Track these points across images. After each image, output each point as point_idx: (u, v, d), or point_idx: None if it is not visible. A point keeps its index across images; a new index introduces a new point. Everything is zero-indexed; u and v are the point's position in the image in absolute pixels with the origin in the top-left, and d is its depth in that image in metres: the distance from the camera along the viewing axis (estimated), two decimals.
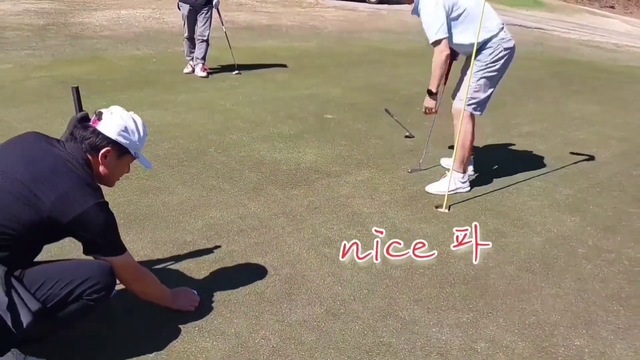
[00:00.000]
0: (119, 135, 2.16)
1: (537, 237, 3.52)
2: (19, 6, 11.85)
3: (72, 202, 1.97)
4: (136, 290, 2.35)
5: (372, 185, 4.15)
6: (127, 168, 2.33)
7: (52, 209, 1.93)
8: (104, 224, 2.06)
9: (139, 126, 2.24)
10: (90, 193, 2.03)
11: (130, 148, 2.22)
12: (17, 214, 1.91)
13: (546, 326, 2.65)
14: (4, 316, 1.87)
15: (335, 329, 2.52)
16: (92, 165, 2.16)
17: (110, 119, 2.17)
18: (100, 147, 2.15)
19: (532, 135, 5.68)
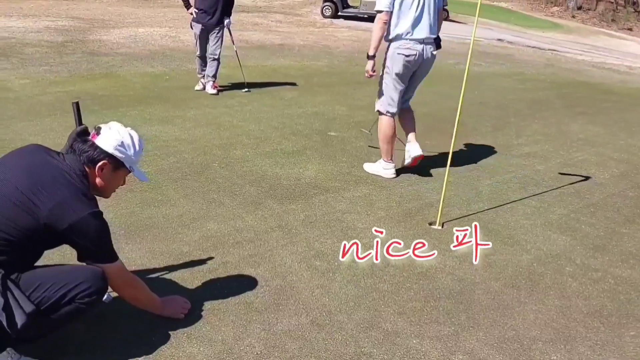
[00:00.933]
0: (115, 150, 2.29)
1: (526, 255, 3.60)
2: (39, 23, 12.24)
3: (68, 211, 2.10)
4: (127, 297, 2.47)
5: (369, 201, 4.26)
6: (122, 181, 2.47)
7: (48, 216, 2.07)
8: (97, 232, 2.19)
9: (135, 141, 2.37)
10: (85, 202, 2.16)
11: (126, 162, 2.35)
12: (16, 220, 2.05)
13: (525, 340, 2.72)
14: (0, 317, 2.01)
15: (318, 339, 2.62)
16: (89, 177, 2.29)
17: (108, 133, 2.31)
18: (97, 160, 2.28)
19: (532, 155, 5.76)
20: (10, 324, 2.01)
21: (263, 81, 8.34)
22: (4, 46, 9.42)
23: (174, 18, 15.26)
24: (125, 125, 2.42)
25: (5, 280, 2.03)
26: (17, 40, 10.03)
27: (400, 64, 4.51)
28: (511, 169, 5.26)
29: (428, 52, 4.54)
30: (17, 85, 6.89)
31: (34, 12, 14.57)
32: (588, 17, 33.72)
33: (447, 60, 12.33)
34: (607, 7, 34.78)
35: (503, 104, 8.23)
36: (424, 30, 4.46)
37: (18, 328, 2.01)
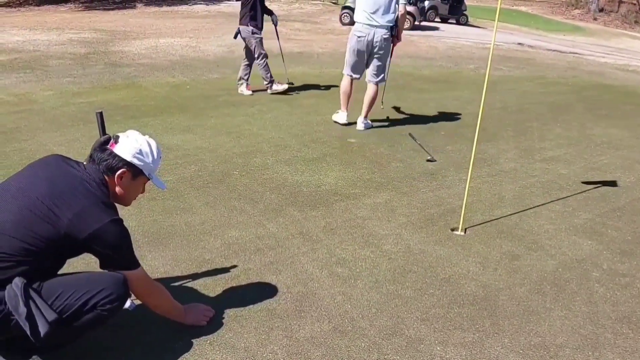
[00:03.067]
0: (133, 158, 2.32)
1: (551, 260, 3.54)
2: (63, 36, 12.48)
3: (88, 219, 2.12)
4: (149, 304, 2.49)
5: (390, 207, 4.24)
6: (142, 188, 2.48)
7: (69, 225, 2.09)
8: (118, 239, 2.21)
9: (153, 149, 2.39)
10: (105, 211, 2.18)
11: (145, 170, 2.37)
12: (38, 231, 2.07)
13: (551, 347, 2.67)
14: (24, 325, 2.03)
15: (341, 346, 2.60)
16: (109, 186, 2.32)
17: (126, 142, 2.33)
18: (116, 169, 2.30)
19: (556, 159, 5.68)
20: (34, 332, 2.03)
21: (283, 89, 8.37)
22: (29, 59, 9.61)
23: (195, 28, 15.43)
24: (147, 134, 2.44)
25: (28, 289, 2.06)
26: (41, 53, 10.23)
27: (354, 41, 6.11)
28: (534, 174, 5.19)
29: (378, 35, 5.95)
30: (41, 97, 7.01)
31: (57, 25, 14.87)
32: (610, 19, 33.28)
33: (468, 65, 12.27)
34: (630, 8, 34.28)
35: (524, 108, 8.14)
36: (376, 18, 5.88)
37: (41, 336, 2.03)
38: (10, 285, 2.05)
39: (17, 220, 2.08)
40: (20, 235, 2.06)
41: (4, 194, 2.17)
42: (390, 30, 6.01)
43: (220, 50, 11.93)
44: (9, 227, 2.07)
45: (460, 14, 24.53)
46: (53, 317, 2.05)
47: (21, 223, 2.08)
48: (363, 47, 6.07)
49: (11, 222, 2.08)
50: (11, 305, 2.03)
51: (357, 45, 6.08)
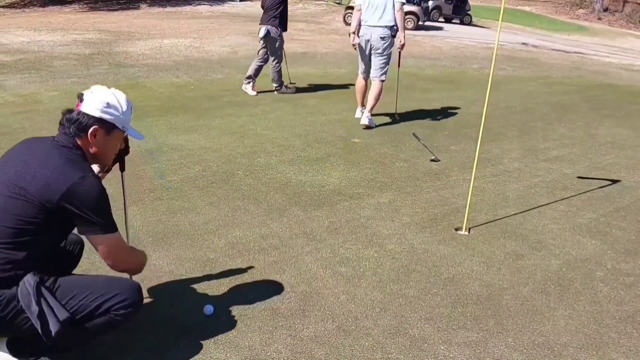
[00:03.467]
0: (102, 112, 2.21)
1: (554, 260, 3.54)
2: (67, 37, 12.52)
3: (58, 181, 2.05)
4: (130, 270, 2.43)
5: (394, 207, 4.24)
6: (120, 143, 2.40)
7: (40, 193, 2.03)
8: (92, 195, 2.10)
9: (121, 101, 2.27)
10: (75, 169, 2.10)
11: (117, 123, 2.26)
12: (16, 212, 2.04)
13: (555, 347, 2.67)
14: (35, 324, 2.03)
15: (345, 345, 2.61)
16: (84, 148, 2.23)
17: (91, 98, 2.22)
18: (87, 127, 2.20)
19: (560, 159, 5.67)
20: (45, 331, 2.04)
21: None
22: (33, 59, 9.66)
23: (198, 29, 15.47)
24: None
25: (40, 287, 2.06)
26: (46, 54, 10.28)
27: (359, 41, 6.45)
28: (538, 173, 5.19)
29: (375, 35, 6.26)
30: (46, 98, 7.04)
31: (62, 26, 14.92)
32: (615, 19, 33.19)
33: (471, 65, 12.27)
34: (635, 8, 34.16)
35: (528, 107, 8.13)
36: (373, 20, 6.24)
37: (52, 335, 2.04)
38: (23, 282, 2.06)
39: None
40: (4, 221, 2.04)
41: None
42: (390, 30, 6.26)
43: (224, 50, 11.95)
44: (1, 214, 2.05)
45: (464, 14, 24.51)
46: (65, 316, 2.05)
47: (3, 210, 2.06)
48: (364, 47, 6.42)
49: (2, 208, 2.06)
50: (24, 303, 2.04)
51: (362, 44, 6.44)
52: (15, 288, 2.06)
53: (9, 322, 2.07)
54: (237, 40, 13.55)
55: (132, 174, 4.57)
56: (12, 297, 2.05)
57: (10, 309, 2.05)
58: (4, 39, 11.88)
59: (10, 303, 2.05)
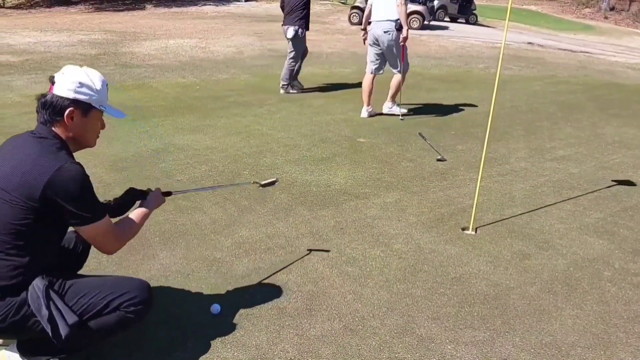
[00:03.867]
0: (76, 93, 2.12)
1: (562, 260, 3.53)
2: (73, 37, 12.57)
3: (35, 178, 2.01)
4: (124, 243, 2.31)
5: (400, 207, 4.23)
6: (100, 123, 2.28)
7: (23, 192, 2.00)
8: (73, 185, 2.04)
9: (94, 79, 2.17)
10: (51, 160, 2.04)
11: (93, 102, 2.17)
12: (6, 217, 2.02)
13: (563, 346, 2.66)
14: (46, 327, 2.05)
15: (352, 344, 2.61)
16: (63, 133, 2.16)
17: (62, 79, 2.14)
18: (62, 110, 2.12)
19: (566, 159, 5.65)
20: (55, 334, 2.05)
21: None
22: (40, 60, 9.70)
23: (204, 29, 15.50)
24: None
25: (49, 291, 2.07)
26: (52, 54, 10.32)
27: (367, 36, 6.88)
28: (545, 173, 5.17)
29: (380, 30, 6.57)
30: None
31: (68, 26, 14.98)
32: (621, 17, 33.07)
33: (477, 64, 12.24)
34: None
35: (535, 107, 8.11)
36: (379, 15, 6.58)
37: (62, 339, 2.05)
38: (32, 286, 2.07)
39: None
40: (3, 229, 2.04)
41: None
42: (394, 24, 6.53)
43: (230, 51, 11.97)
44: None
45: (469, 14, 24.47)
46: (73, 320, 2.06)
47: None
48: (371, 42, 6.82)
49: None
50: (34, 307, 2.05)
51: (370, 40, 6.83)
52: (25, 293, 2.07)
53: (21, 326, 2.09)
54: (243, 40, 13.57)
55: (140, 175, 4.59)
56: (22, 301, 2.07)
57: (22, 313, 2.07)
58: (10, 39, 11.94)
59: (22, 308, 2.07)
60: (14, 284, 2.06)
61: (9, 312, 2.06)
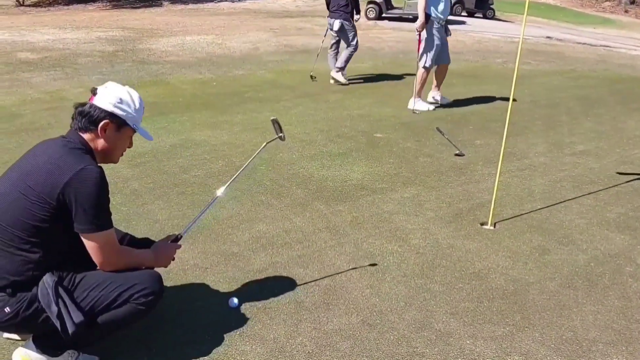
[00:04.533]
0: (115, 107, 2.21)
1: (582, 255, 3.48)
2: (92, 34, 12.67)
3: (57, 176, 2.06)
4: (122, 265, 2.27)
5: (418, 202, 4.21)
6: (128, 141, 2.37)
7: (44, 189, 2.04)
8: (91, 187, 2.07)
9: (134, 98, 2.28)
10: (75, 161, 2.10)
11: (128, 120, 2.26)
12: (25, 215, 2.06)
13: (584, 342, 2.63)
14: (55, 323, 2.08)
15: (370, 338, 2.60)
16: (92, 142, 2.23)
17: (105, 92, 2.23)
18: (98, 121, 2.20)
19: (586, 153, 5.57)
20: (64, 330, 2.08)
21: (308, 84, 8.39)
22: (59, 57, 9.79)
23: (220, 26, 15.53)
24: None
25: (58, 287, 2.10)
26: (71, 51, 10.41)
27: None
28: (564, 168, 5.11)
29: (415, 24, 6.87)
30: (71, 94, 7.14)
31: (86, 24, 15.11)
32: None
33: (495, 59, 12.12)
34: None
35: (554, 102, 8.01)
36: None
37: (69, 335, 2.08)
38: (42, 282, 2.10)
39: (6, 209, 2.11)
40: (16, 225, 2.07)
41: (5, 185, 2.17)
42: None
43: (246, 47, 11.98)
44: (9, 216, 2.09)
45: (487, 8, 24.21)
46: (79, 319, 2.08)
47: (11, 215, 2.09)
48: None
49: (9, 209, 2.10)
50: (44, 302, 2.08)
51: None
52: (36, 288, 2.10)
53: (33, 321, 2.13)
54: (259, 36, 13.57)
55: (157, 169, 4.62)
56: (33, 297, 2.10)
57: (33, 309, 2.10)
58: (30, 37, 12.07)
59: (33, 303, 2.10)
60: (24, 280, 2.10)
61: (21, 308, 2.09)
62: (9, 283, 2.08)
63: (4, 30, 13.04)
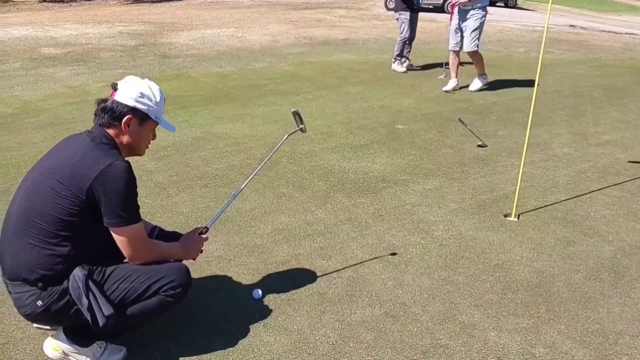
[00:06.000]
0: (136, 102, 2.24)
1: (608, 247, 3.44)
2: (113, 29, 12.79)
3: (86, 170, 2.09)
4: (152, 258, 2.31)
5: (440, 193, 4.19)
6: (152, 134, 2.40)
7: (72, 184, 2.08)
8: (120, 182, 2.11)
9: (154, 91, 2.30)
10: (103, 156, 2.14)
11: (150, 113, 2.29)
12: (54, 209, 2.10)
13: (610, 335, 2.60)
14: (86, 315, 2.12)
15: (393, 330, 2.60)
16: (117, 137, 2.27)
17: (125, 87, 2.26)
18: (121, 116, 2.23)
19: (612, 144, 5.48)
20: (94, 322, 2.13)
21: (328, 76, 8.37)
22: (81, 52, 9.90)
23: (240, 19, 15.56)
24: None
25: (88, 281, 2.14)
26: (93, 46, 10.52)
27: None
28: (589, 158, 5.03)
29: None
30: (94, 89, 7.22)
31: (107, 18, 15.24)
32: None
33: (517, 49, 11.96)
34: None
35: (578, 91, 7.88)
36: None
37: (100, 327, 2.12)
38: (73, 275, 2.14)
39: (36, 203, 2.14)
40: (45, 219, 2.11)
41: (34, 179, 2.22)
42: None
43: (266, 39, 11.99)
44: (38, 210, 2.13)
45: None
46: (110, 312, 2.12)
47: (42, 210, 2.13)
48: None
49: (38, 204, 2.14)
50: (75, 295, 2.13)
51: None
52: (66, 282, 2.14)
53: (64, 313, 2.17)
54: (278, 28, 13.57)
55: (180, 162, 4.66)
56: (64, 290, 2.14)
57: (64, 301, 2.15)
58: (53, 32, 12.22)
59: (64, 296, 2.14)
60: (55, 274, 2.14)
61: (52, 301, 2.14)
62: (40, 277, 2.12)
63: (27, 26, 13.23)
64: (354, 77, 8.40)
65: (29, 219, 2.13)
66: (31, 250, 2.12)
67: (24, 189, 2.22)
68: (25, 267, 2.12)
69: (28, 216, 2.13)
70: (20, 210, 2.17)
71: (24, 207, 2.16)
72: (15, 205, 2.21)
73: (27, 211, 2.15)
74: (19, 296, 2.16)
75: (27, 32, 12.12)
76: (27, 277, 2.12)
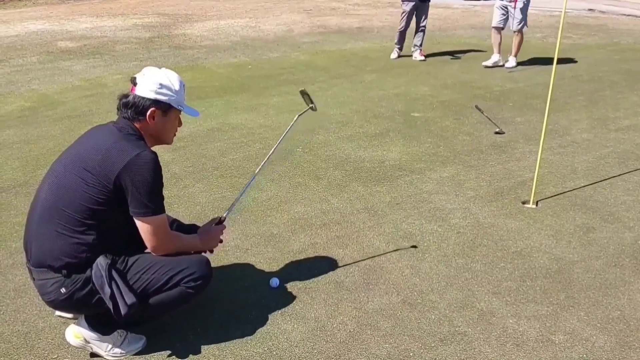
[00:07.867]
0: (157, 94, 2.26)
1: (629, 233, 3.39)
2: (128, 21, 12.84)
3: (114, 160, 2.13)
4: (172, 249, 2.34)
5: (457, 181, 4.16)
6: (177, 122, 2.44)
7: (100, 172, 2.12)
8: (147, 172, 2.15)
9: (172, 80, 2.31)
10: (131, 147, 2.18)
11: (172, 102, 2.31)
12: (80, 197, 2.13)
13: (632, 321, 2.57)
14: (108, 304, 2.15)
15: (411, 318, 2.60)
16: (144, 130, 2.30)
17: (144, 80, 2.28)
18: (144, 110, 2.26)
19: (632, 129, 5.39)
20: (116, 311, 2.15)
21: (343, 65, 8.33)
22: (97, 45, 9.96)
23: (254, 9, 15.52)
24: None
25: (111, 270, 2.16)
26: (108, 39, 10.57)
27: None
28: (609, 144, 4.96)
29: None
30: (110, 81, 7.27)
31: (122, 11, 15.29)
32: None
33: (535, 34, 11.79)
34: None
35: (597, 76, 7.76)
36: None
37: (122, 316, 2.15)
38: (96, 264, 2.16)
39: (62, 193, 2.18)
40: (71, 207, 2.14)
41: (61, 169, 2.25)
42: None
43: (280, 29, 11.95)
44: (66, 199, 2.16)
45: None
46: (132, 301, 2.14)
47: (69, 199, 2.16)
48: None
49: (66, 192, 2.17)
50: (97, 284, 2.15)
51: None
52: (90, 270, 2.16)
53: (86, 301, 2.20)
54: (292, 18, 13.52)
55: (196, 153, 4.68)
56: (87, 279, 2.17)
57: (87, 290, 2.17)
58: (69, 26, 12.30)
59: (87, 285, 2.17)
60: (79, 262, 2.16)
61: (75, 288, 2.16)
62: (64, 264, 2.15)
63: (44, 20, 13.33)
64: (368, 65, 8.34)
65: (56, 207, 2.16)
66: (57, 238, 2.15)
67: (51, 178, 2.25)
68: (50, 255, 2.16)
69: (56, 204, 2.17)
70: (47, 198, 2.21)
71: (51, 196, 2.20)
72: (42, 193, 2.25)
73: (54, 199, 2.18)
74: (43, 283, 2.20)
75: (43, 26, 12.21)
76: (52, 264, 2.16)
